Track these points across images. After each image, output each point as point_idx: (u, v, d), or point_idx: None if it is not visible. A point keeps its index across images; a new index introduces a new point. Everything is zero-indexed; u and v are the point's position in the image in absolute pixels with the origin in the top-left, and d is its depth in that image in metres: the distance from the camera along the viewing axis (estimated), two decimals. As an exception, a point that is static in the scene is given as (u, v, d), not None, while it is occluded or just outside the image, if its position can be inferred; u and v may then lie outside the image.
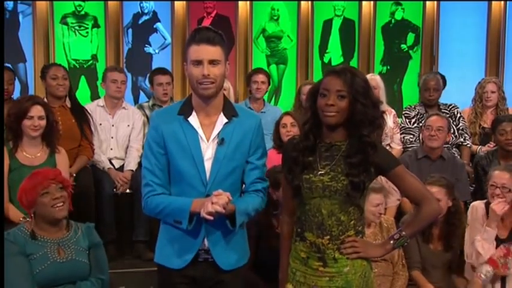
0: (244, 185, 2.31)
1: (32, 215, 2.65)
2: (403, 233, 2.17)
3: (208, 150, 2.18)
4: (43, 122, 3.42)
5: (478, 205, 3.40)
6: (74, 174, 3.73)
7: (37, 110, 3.40)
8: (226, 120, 2.20)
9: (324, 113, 2.06)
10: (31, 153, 3.44)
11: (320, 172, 2.09)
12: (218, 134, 2.19)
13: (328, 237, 2.10)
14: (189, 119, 2.19)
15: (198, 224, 2.18)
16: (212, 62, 2.12)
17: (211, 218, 2.05)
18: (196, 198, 2.15)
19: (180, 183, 2.20)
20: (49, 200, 2.60)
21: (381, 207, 3.20)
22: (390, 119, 4.66)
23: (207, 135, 2.19)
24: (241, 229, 2.29)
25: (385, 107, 4.67)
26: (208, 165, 2.18)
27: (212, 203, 2.04)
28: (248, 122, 2.25)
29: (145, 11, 5.25)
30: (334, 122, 2.07)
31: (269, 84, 4.96)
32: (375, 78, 4.66)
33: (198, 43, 2.12)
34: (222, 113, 2.21)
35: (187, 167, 2.17)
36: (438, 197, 3.17)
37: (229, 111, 2.22)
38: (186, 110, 2.21)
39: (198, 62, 2.12)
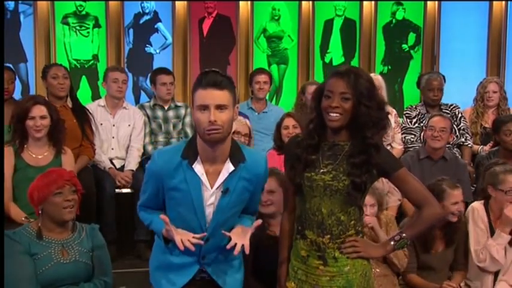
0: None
1: (40, 212, 2.64)
2: (404, 234, 2.18)
3: (211, 198, 2.15)
4: (46, 122, 3.40)
5: (477, 206, 3.39)
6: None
7: (38, 110, 3.38)
8: (232, 169, 2.12)
9: (328, 116, 2.06)
10: (37, 153, 3.43)
11: (322, 170, 2.09)
12: (223, 182, 2.13)
13: (329, 236, 2.11)
14: (193, 166, 2.10)
15: (194, 261, 2.20)
16: (219, 107, 2.01)
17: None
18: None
19: (179, 222, 2.15)
20: (61, 201, 2.60)
21: (367, 209, 3.08)
22: (391, 118, 4.65)
23: (211, 183, 2.13)
24: (237, 256, 2.30)
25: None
26: (209, 210, 2.16)
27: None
28: (255, 168, 2.18)
29: (146, 11, 5.25)
30: (338, 126, 2.07)
31: (271, 84, 4.96)
32: (377, 78, 4.65)
33: (204, 87, 2.01)
34: (228, 160, 2.13)
35: (186, 213, 2.14)
36: (461, 200, 3.21)
37: (237, 157, 2.14)
38: (190, 154, 2.11)
39: (205, 107, 2.01)
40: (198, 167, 2.10)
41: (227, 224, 2.18)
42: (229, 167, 2.12)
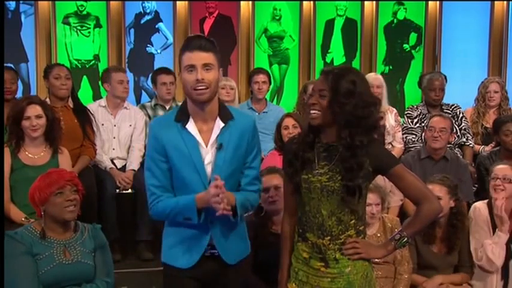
0: (240, 185, 2.34)
1: (42, 213, 2.63)
2: (404, 233, 2.17)
3: (207, 155, 2.23)
4: (41, 121, 3.39)
5: (480, 206, 3.41)
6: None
7: (34, 110, 3.37)
8: (223, 125, 2.24)
9: (308, 114, 2.10)
10: (34, 153, 3.42)
11: (318, 171, 2.10)
12: (216, 138, 2.23)
13: (329, 237, 2.11)
14: (187, 126, 2.23)
15: (203, 223, 2.24)
16: (205, 67, 2.16)
17: (228, 212, 2.13)
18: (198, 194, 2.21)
19: (183, 189, 2.25)
20: (62, 201, 2.59)
21: (373, 208, 3.13)
22: (392, 117, 4.67)
23: (206, 141, 2.23)
24: (242, 221, 2.37)
25: (386, 106, 4.67)
26: (208, 169, 2.23)
27: (219, 204, 2.11)
28: (244, 123, 2.30)
29: (147, 11, 5.25)
30: (317, 124, 2.08)
31: (270, 84, 4.95)
32: (377, 78, 4.67)
33: (191, 50, 2.17)
34: (218, 118, 2.25)
35: (189, 173, 2.22)
36: (439, 195, 3.17)
37: (225, 115, 2.26)
38: (182, 117, 2.25)
39: (192, 68, 2.16)
40: (191, 127, 2.23)
41: (228, 185, 2.21)
42: (219, 123, 2.24)
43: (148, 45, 5.27)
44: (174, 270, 2.32)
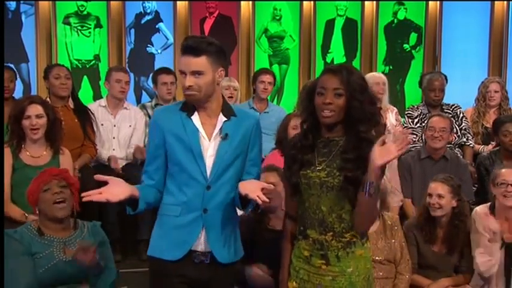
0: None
1: (37, 213, 2.66)
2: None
3: (210, 148, 2.23)
4: (42, 121, 3.38)
5: (481, 210, 3.37)
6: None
7: (34, 109, 3.35)
8: (225, 119, 2.26)
9: (322, 112, 2.06)
10: (35, 153, 3.41)
11: (317, 168, 2.10)
12: (220, 130, 2.25)
13: (332, 233, 2.10)
14: (192, 117, 2.24)
15: (195, 217, 2.23)
16: (194, 74, 2.15)
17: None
18: (198, 189, 2.21)
19: (181, 174, 2.24)
20: (50, 196, 2.61)
21: None
22: (392, 116, 4.66)
23: (209, 134, 2.24)
24: (236, 222, 2.36)
25: (387, 105, 4.67)
26: (209, 161, 2.23)
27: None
28: (247, 120, 2.31)
29: (148, 11, 5.26)
30: (332, 122, 2.08)
31: (274, 85, 4.95)
32: (380, 76, 4.66)
33: (183, 53, 2.16)
34: (221, 114, 2.27)
35: (187, 161, 2.21)
36: (441, 193, 3.19)
37: (228, 112, 2.28)
38: (189, 107, 2.25)
39: (182, 72, 2.18)
40: (195, 118, 2.23)
41: (228, 174, 2.24)
42: (222, 118, 2.25)
43: (149, 45, 5.28)
44: (160, 265, 2.26)
